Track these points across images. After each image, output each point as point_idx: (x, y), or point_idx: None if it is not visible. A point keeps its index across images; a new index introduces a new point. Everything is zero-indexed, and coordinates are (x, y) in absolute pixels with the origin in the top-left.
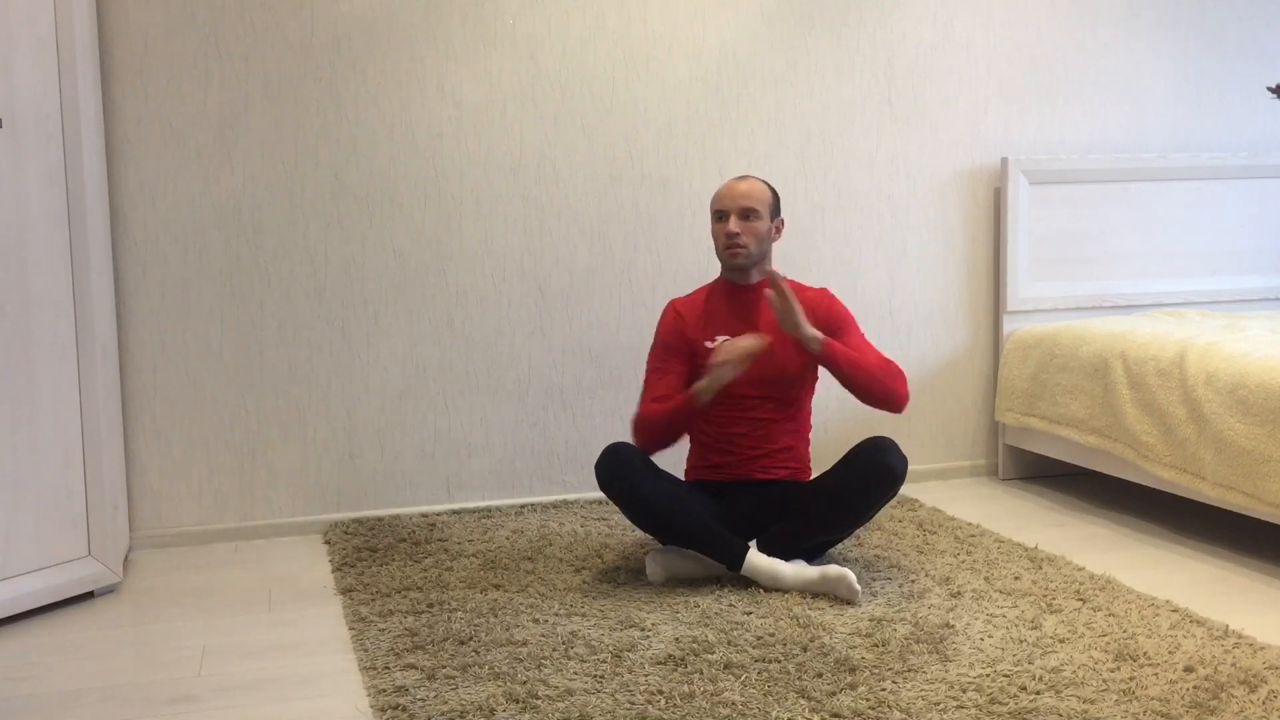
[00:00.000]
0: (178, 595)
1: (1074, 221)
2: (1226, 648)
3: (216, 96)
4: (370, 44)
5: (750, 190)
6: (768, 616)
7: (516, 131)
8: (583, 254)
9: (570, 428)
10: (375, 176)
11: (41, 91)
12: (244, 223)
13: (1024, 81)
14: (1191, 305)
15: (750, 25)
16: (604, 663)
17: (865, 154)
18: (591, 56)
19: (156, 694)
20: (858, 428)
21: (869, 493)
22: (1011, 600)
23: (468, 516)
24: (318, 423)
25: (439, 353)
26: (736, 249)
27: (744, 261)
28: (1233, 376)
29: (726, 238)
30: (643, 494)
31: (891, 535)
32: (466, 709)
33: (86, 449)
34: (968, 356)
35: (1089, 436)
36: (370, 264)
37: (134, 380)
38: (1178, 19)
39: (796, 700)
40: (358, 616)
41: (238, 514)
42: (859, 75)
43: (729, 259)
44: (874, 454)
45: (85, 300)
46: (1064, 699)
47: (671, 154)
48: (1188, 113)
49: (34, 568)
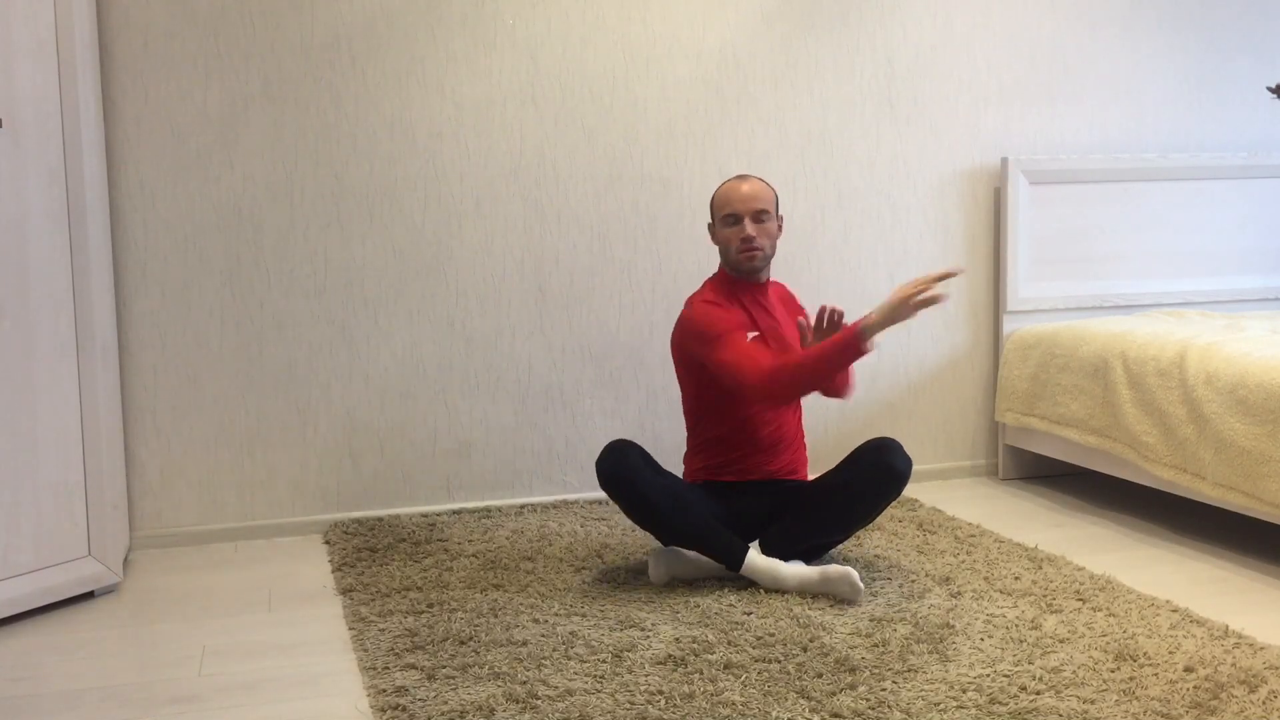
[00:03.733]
0: (178, 595)
1: (1074, 221)
2: (1226, 648)
3: (216, 96)
4: (370, 44)
5: (757, 191)
6: (768, 616)
7: (516, 131)
8: (583, 254)
9: (570, 428)
10: (375, 176)
11: (41, 91)
12: (244, 223)
13: (1024, 81)
14: (1191, 305)
15: (750, 25)
16: (604, 663)
17: (865, 154)
18: (591, 56)
19: (156, 694)
20: (858, 427)
21: (873, 494)
22: (1011, 600)
23: (468, 516)
24: (318, 423)
25: (439, 353)
26: (754, 251)
27: (760, 263)
28: (1233, 376)
29: (743, 242)
30: (643, 493)
31: (891, 535)
32: (466, 709)
33: (86, 449)
34: (968, 356)
35: (1089, 436)
36: (370, 264)
37: (134, 380)
38: (1178, 19)
39: (796, 700)
40: (358, 616)
41: (238, 514)
42: (859, 75)
43: (746, 262)
44: (879, 455)
45: (85, 300)
46: (1064, 699)
47: (671, 154)
48: (1188, 113)
49: (34, 568)
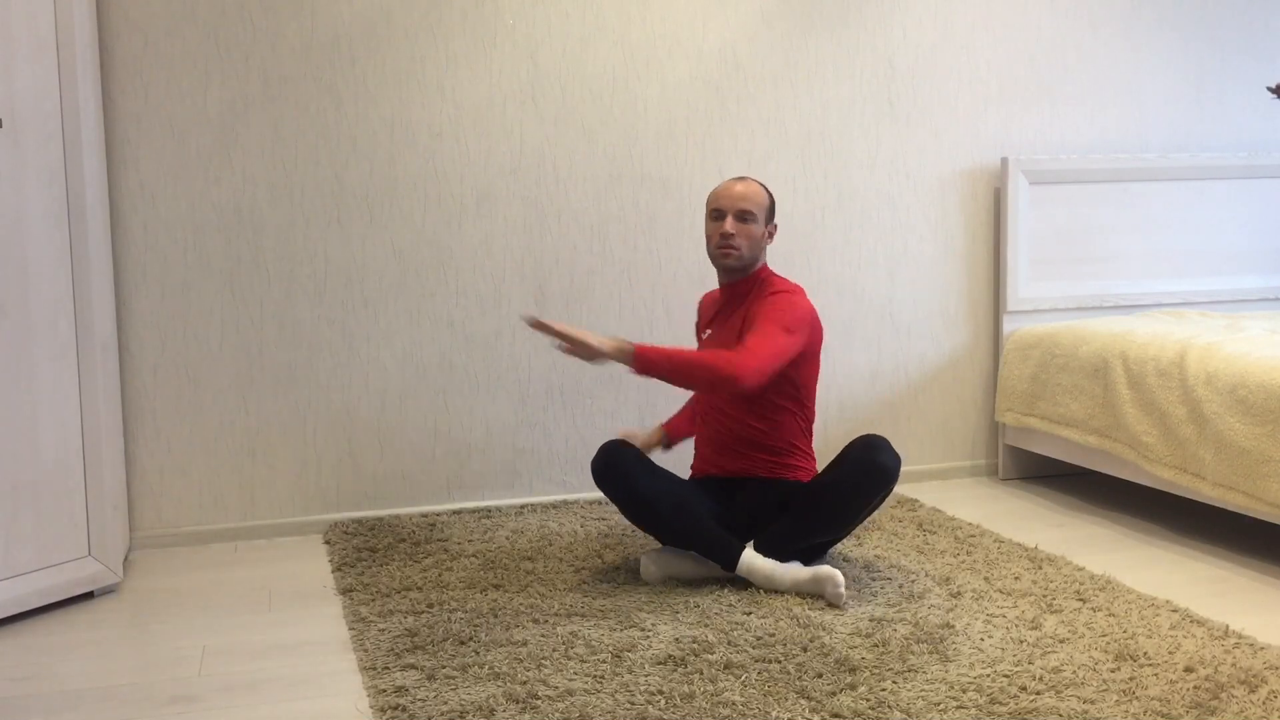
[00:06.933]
0: (178, 595)
1: (1074, 221)
2: (1226, 648)
3: (216, 96)
4: (370, 44)
5: (747, 192)
6: (768, 616)
7: (516, 131)
8: (583, 254)
9: (570, 428)
10: (375, 176)
11: (41, 91)
12: (244, 223)
13: (1024, 81)
14: (1191, 305)
15: (750, 25)
16: (604, 663)
17: (865, 154)
18: (591, 56)
19: (156, 694)
20: (859, 428)
21: (861, 492)
22: (1011, 600)
23: (468, 516)
24: (318, 423)
25: (439, 353)
26: (729, 249)
27: (734, 262)
28: (1233, 376)
29: (720, 238)
30: (637, 493)
31: (891, 535)
32: (466, 709)
33: (86, 449)
34: (968, 356)
35: (1089, 436)
36: (370, 264)
37: (134, 380)
38: (1178, 19)
39: (796, 700)
40: (358, 616)
41: (238, 514)
42: (859, 75)
43: (721, 258)
44: (865, 452)
45: (85, 300)
46: (1064, 699)
47: (671, 154)
48: (1188, 113)
49: (34, 568)
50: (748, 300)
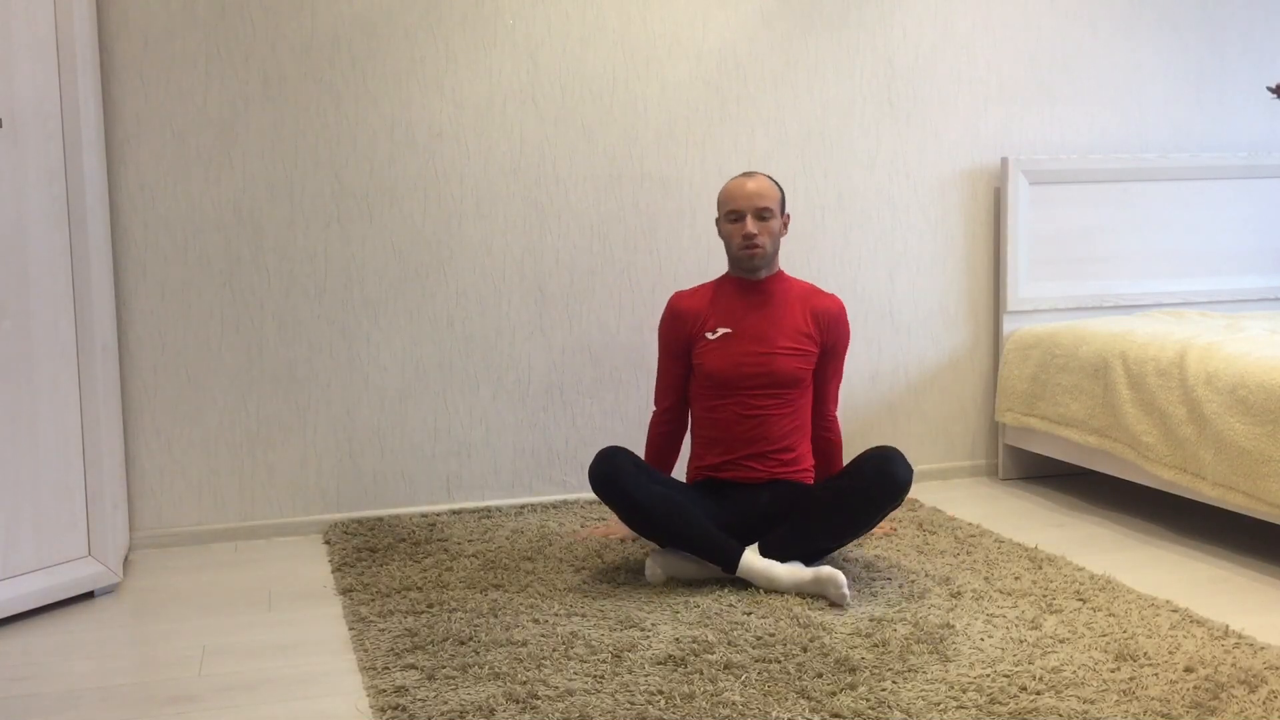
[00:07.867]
0: (178, 595)
1: (1074, 221)
2: (1226, 648)
3: (216, 96)
4: (370, 44)
5: (762, 189)
6: (768, 617)
7: (516, 131)
8: (583, 254)
9: (570, 428)
10: (375, 176)
11: (41, 91)
12: (244, 223)
13: (1024, 81)
14: (1191, 305)
15: (750, 25)
16: (604, 663)
17: (865, 154)
18: (591, 56)
19: (156, 694)
20: (859, 428)
21: (874, 503)
22: (1011, 600)
23: (468, 516)
24: (318, 423)
25: (439, 353)
26: (755, 249)
27: (760, 261)
28: (1233, 376)
29: (744, 239)
30: (635, 499)
31: (891, 535)
32: (466, 709)
33: (86, 449)
34: (968, 356)
35: (1089, 436)
36: (370, 264)
37: (134, 380)
38: (1178, 19)
39: (796, 700)
40: (358, 616)
41: (238, 514)
42: (859, 75)
43: (747, 259)
44: (880, 464)
45: (85, 300)
46: (1064, 699)
47: (671, 154)
48: (1188, 113)
49: (34, 568)
50: (777, 301)
